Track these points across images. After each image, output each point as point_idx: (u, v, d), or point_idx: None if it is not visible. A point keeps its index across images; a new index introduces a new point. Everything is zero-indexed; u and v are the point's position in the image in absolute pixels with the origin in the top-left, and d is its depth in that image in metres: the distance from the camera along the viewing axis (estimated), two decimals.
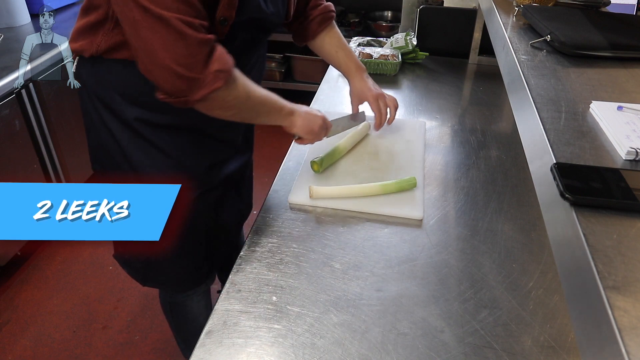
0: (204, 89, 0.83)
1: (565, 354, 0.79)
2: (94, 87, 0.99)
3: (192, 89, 0.83)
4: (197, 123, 1.03)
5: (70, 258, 2.20)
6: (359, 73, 1.30)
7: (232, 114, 0.95)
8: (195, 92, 0.83)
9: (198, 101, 0.85)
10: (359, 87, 1.30)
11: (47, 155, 2.13)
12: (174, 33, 0.78)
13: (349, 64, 1.29)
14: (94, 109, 1.01)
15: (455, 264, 0.97)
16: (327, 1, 1.26)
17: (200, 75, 0.82)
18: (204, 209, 1.12)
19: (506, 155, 1.33)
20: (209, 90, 0.84)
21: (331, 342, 0.80)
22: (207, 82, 0.83)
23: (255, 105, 0.97)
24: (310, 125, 1.08)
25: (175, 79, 0.81)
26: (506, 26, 0.95)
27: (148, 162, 1.02)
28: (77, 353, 1.78)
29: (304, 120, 1.07)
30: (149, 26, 0.77)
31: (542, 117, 0.61)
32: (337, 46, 1.28)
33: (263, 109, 1.00)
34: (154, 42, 0.78)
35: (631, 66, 0.78)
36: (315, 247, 1.00)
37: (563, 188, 0.47)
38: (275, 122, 1.05)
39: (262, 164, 1.27)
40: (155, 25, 0.77)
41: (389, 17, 3.32)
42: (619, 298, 0.36)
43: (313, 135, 1.10)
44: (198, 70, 0.82)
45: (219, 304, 0.87)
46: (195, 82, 0.82)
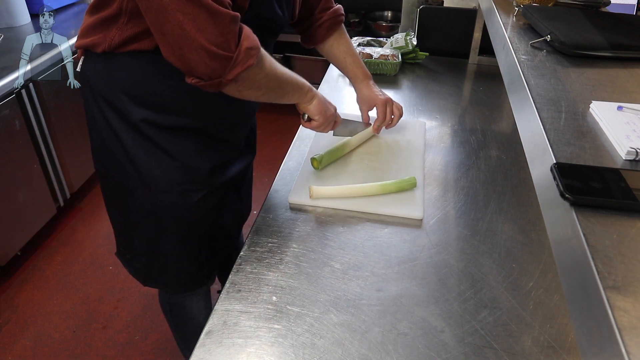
0: (238, 67, 0.83)
1: (565, 354, 0.79)
2: (99, 86, 0.99)
3: (226, 68, 0.83)
4: (202, 125, 1.03)
5: (70, 258, 2.20)
6: (366, 80, 1.31)
7: (262, 94, 0.95)
8: (229, 72, 0.83)
9: (231, 81, 0.85)
10: (367, 94, 1.31)
11: (47, 155, 2.13)
12: (204, 12, 0.77)
13: (356, 71, 1.31)
14: (98, 108, 1.01)
15: (455, 264, 0.97)
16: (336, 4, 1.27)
17: (233, 54, 0.82)
18: (205, 211, 1.12)
19: (506, 155, 1.33)
20: (242, 68, 0.84)
21: (331, 342, 0.80)
22: (239, 60, 0.83)
23: (282, 84, 0.98)
24: (324, 109, 1.11)
25: (211, 59, 0.81)
26: (506, 26, 0.95)
27: (152, 164, 1.02)
28: (77, 353, 1.78)
29: (319, 102, 1.09)
30: (179, 8, 0.77)
31: (542, 117, 0.61)
32: (346, 52, 1.29)
33: (289, 87, 1.01)
34: (185, 25, 0.78)
35: (631, 66, 0.78)
36: (315, 247, 1.00)
37: (563, 188, 0.47)
38: (298, 100, 1.07)
39: (262, 164, 1.27)
40: (185, 7, 0.77)
41: (389, 17, 3.32)
42: (619, 298, 0.36)
43: (324, 118, 1.11)
44: (231, 49, 0.82)
45: (219, 304, 0.87)
46: (229, 61, 0.82)
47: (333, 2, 1.26)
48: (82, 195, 2.55)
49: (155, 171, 1.02)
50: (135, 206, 1.08)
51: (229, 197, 1.20)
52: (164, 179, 1.03)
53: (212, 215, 1.16)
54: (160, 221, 1.09)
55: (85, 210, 2.49)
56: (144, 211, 1.08)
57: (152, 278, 1.24)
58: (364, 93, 1.32)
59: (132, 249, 1.20)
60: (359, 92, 1.33)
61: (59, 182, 2.24)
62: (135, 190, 1.05)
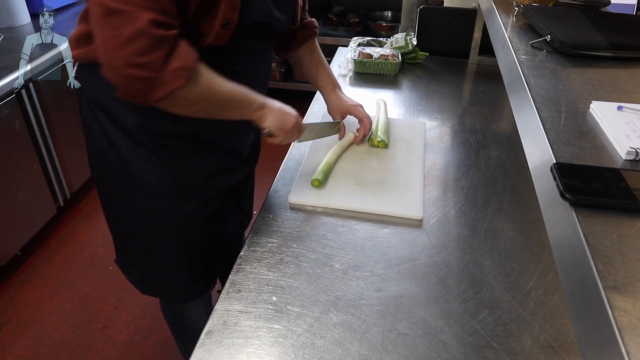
0: (162, 89, 0.79)
1: (565, 354, 0.79)
2: (93, 93, 0.98)
3: (150, 90, 0.78)
4: (199, 132, 1.01)
5: (70, 258, 2.20)
6: (335, 89, 1.31)
7: (196, 111, 0.90)
8: (153, 93, 0.79)
9: (157, 101, 0.81)
10: (337, 102, 1.30)
11: (47, 155, 2.13)
12: (130, 30, 0.73)
13: (326, 80, 1.30)
14: (93, 115, 1.00)
15: (455, 264, 0.97)
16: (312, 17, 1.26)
17: (157, 75, 0.77)
18: (202, 221, 1.10)
19: (506, 155, 1.33)
20: (167, 91, 0.79)
21: (331, 342, 0.80)
22: (165, 81, 0.78)
23: (221, 101, 0.92)
24: (283, 122, 1.01)
25: (129, 80, 0.76)
26: (506, 26, 0.95)
27: (147, 170, 1.00)
28: (77, 353, 1.78)
29: (275, 116, 1.00)
30: (107, 22, 0.74)
31: (542, 117, 0.61)
32: (318, 62, 1.28)
33: (231, 104, 0.94)
34: (109, 40, 0.74)
35: (631, 66, 0.78)
36: (315, 247, 1.00)
37: (563, 188, 0.47)
38: (245, 116, 0.98)
39: (262, 164, 1.26)
40: (115, 22, 0.73)
41: (389, 17, 3.32)
42: (619, 298, 0.36)
43: (284, 133, 1.02)
44: (155, 70, 0.76)
45: (219, 304, 0.87)
46: (152, 82, 0.77)
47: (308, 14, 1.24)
48: (82, 195, 2.55)
49: (150, 178, 1.01)
50: (131, 214, 1.07)
51: (228, 206, 1.18)
52: (159, 186, 1.01)
53: (210, 227, 1.14)
54: (155, 230, 1.08)
55: (85, 210, 2.49)
56: (139, 219, 1.07)
57: (150, 287, 1.22)
58: (334, 102, 1.30)
59: (129, 257, 1.18)
60: (329, 101, 1.32)
61: (59, 182, 2.24)
62: (130, 197, 1.04)
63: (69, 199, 2.36)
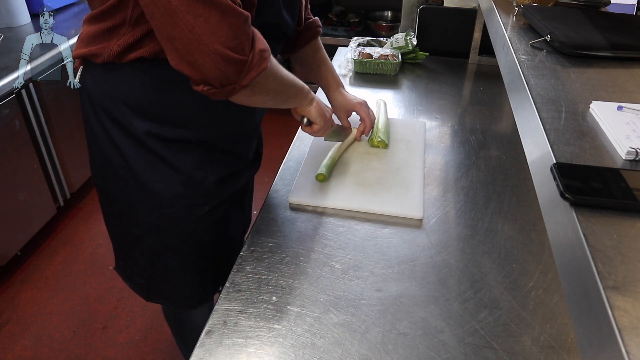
0: (253, 71, 0.78)
1: (565, 354, 0.79)
2: (100, 98, 0.93)
3: (241, 73, 0.78)
4: (209, 137, 1.00)
5: (70, 258, 2.20)
6: (339, 88, 1.32)
7: (270, 98, 0.91)
8: (244, 76, 0.78)
9: (245, 86, 0.80)
10: (341, 100, 1.31)
11: (47, 155, 2.14)
12: (217, 13, 0.72)
13: (329, 79, 1.31)
14: (99, 121, 0.96)
15: (455, 264, 0.97)
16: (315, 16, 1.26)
17: (247, 57, 0.77)
18: (211, 224, 1.09)
19: (506, 155, 1.34)
20: (257, 72, 0.79)
21: (331, 342, 0.80)
22: (254, 63, 0.78)
23: (287, 88, 0.95)
24: (323, 111, 1.11)
25: (225, 64, 0.75)
26: (506, 26, 0.95)
27: (156, 177, 0.98)
28: (77, 353, 1.78)
29: (319, 105, 1.09)
30: (189, 10, 0.71)
31: (542, 117, 0.61)
32: (321, 60, 1.29)
33: (292, 92, 0.99)
34: (196, 28, 0.72)
35: (631, 66, 0.78)
36: (315, 247, 1.00)
37: (563, 188, 0.47)
38: (300, 103, 1.05)
39: (262, 164, 1.26)
40: (196, 8, 0.71)
41: (389, 17, 3.32)
42: (619, 298, 0.36)
43: (325, 120, 1.11)
44: (246, 52, 0.77)
45: (219, 304, 0.87)
46: (244, 65, 0.77)
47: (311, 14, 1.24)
48: (82, 195, 2.55)
49: (160, 185, 0.98)
50: (138, 221, 1.04)
51: (233, 210, 1.18)
52: (169, 193, 0.99)
53: (218, 229, 1.13)
54: (164, 236, 1.06)
55: (85, 210, 2.49)
56: (147, 226, 1.04)
57: (156, 294, 1.20)
58: (339, 100, 1.31)
59: (133, 264, 1.16)
60: (333, 100, 1.32)
61: (59, 182, 2.24)
62: (137, 205, 1.02)
63: (69, 199, 2.36)
